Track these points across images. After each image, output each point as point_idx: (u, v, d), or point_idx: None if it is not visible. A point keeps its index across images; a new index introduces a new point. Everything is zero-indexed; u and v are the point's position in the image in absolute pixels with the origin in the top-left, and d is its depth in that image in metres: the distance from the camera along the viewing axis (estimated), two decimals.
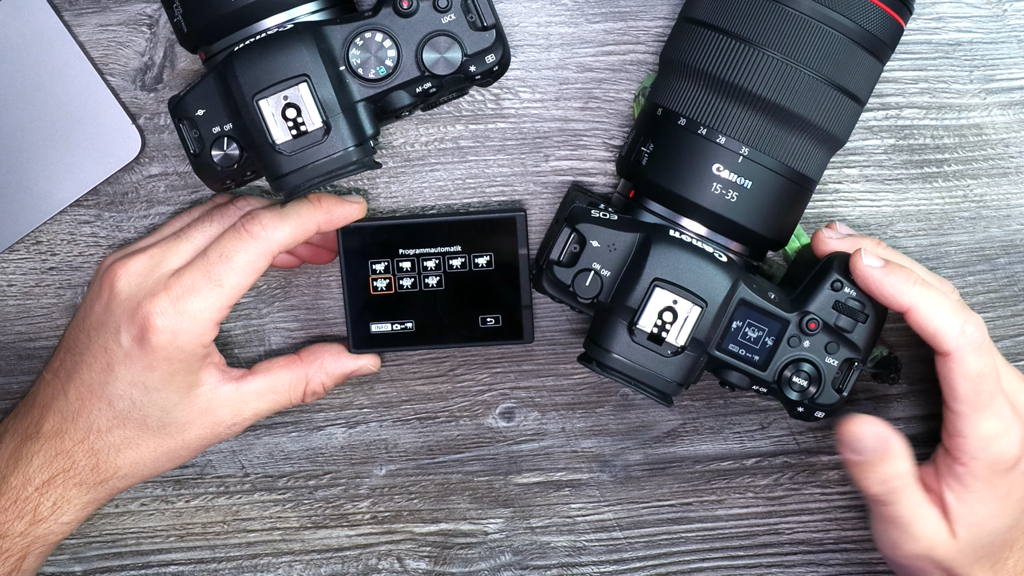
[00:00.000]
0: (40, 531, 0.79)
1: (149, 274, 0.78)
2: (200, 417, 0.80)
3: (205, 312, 0.77)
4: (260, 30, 0.75)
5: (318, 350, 0.84)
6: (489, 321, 0.85)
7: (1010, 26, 0.84)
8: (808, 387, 0.76)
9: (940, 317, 0.74)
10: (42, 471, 0.78)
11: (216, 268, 0.77)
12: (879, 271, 0.75)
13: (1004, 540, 0.78)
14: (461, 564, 0.89)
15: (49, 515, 0.79)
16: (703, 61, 0.75)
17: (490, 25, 0.76)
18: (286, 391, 0.83)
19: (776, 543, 0.89)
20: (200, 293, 0.76)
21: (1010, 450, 0.76)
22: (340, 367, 0.84)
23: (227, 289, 0.77)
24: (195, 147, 0.76)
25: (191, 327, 0.77)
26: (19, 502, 0.78)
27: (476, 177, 0.85)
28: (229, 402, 0.80)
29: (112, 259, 0.80)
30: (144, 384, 0.77)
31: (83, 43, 0.84)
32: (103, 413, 0.78)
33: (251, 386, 0.81)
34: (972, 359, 0.74)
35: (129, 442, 0.79)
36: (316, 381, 0.83)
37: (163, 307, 0.76)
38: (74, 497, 0.79)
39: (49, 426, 0.78)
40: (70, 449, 0.78)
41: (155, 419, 0.78)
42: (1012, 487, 0.77)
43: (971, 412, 0.75)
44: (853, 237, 0.78)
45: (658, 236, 0.75)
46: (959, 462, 0.76)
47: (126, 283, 0.78)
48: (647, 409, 0.88)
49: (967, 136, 0.85)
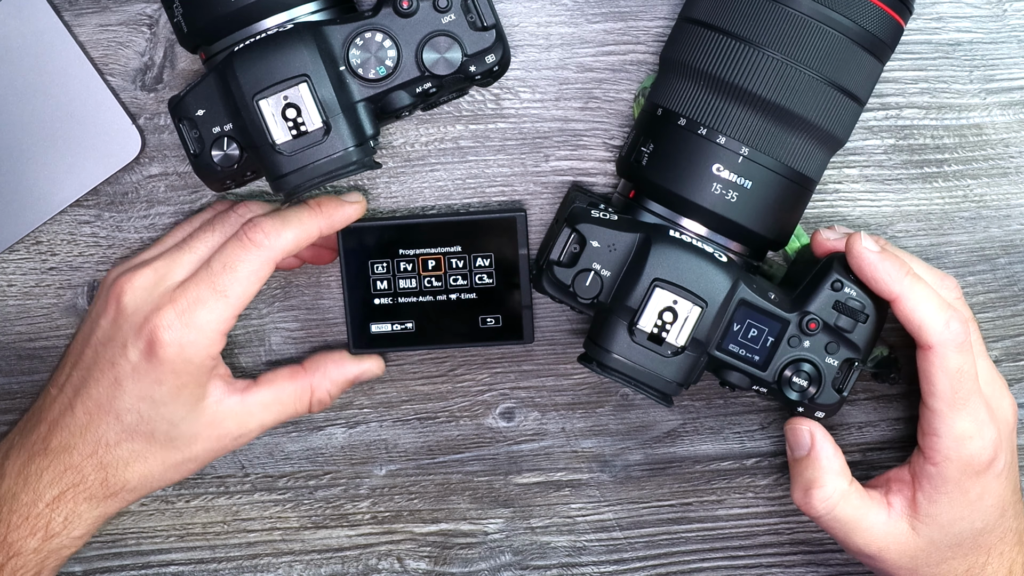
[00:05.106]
0: (53, 546, 0.79)
1: (154, 288, 0.78)
2: (206, 430, 0.80)
3: (212, 324, 0.77)
4: (260, 30, 0.75)
5: (321, 359, 0.84)
6: (489, 321, 0.85)
7: (1010, 26, 0.84)
8: (808, 387, 0.76)
9: (926, 310, 0.75)
10: (52, 487, 0.78)
11: (220, 279, 0.77)
12: (874, 255, 0.75)
13: (975, 543, 0.78)
14: (461, 564, 0.89)
15: (61, 530, 0.79)
16: (703, 61, 0.75)
17: (490, 25, 0.76)
18: (292, 402, 0.83)
19: (776, 543, 0.89)
20: (206, 305, 0.76)
21: (983, 453, 0.76)
22: (344, 374, 0.84)
23: (232, 300, 0.77)
24: (195, 147, 0.76)
25: (198, 339, 0.77)
26: (31, 519, 0.78)
27: (476, 177, 0.85)
28: (234, 414, 0.80)
29: (116, 273, 0.80)
30: (152, 398, 0.77)
31: (83, 43, 0.84)
32: (111, 427, 0.78)
33: (256, 398, 0.81)
34: (953, 355, 0.75)
35: (137, 455, 0.79)
36: (322, 390, 0.83)
37: (170, 320, 0.76)
38: (84, 511, 0.79)
39: (57, 441, 0.78)
40: (79, 464, 0.78)
41: (162, 432, 0.78)
42: (984, 491, 0.77)
43: (947, 409, 0.76)
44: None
45: (658, 236, 0.75)
46: (931, 461, 0.77)
47: (131, 298, 0.78)
48: (647, 409, 0.88)
49: (967, 136, 0.85)
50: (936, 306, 0.75)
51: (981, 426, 0.76)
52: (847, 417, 0.87)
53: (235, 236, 0.78)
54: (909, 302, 0.75)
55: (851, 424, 0.87)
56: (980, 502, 0.77)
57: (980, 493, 0.77)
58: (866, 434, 0.87)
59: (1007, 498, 0.78)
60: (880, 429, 0.87)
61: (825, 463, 0.78)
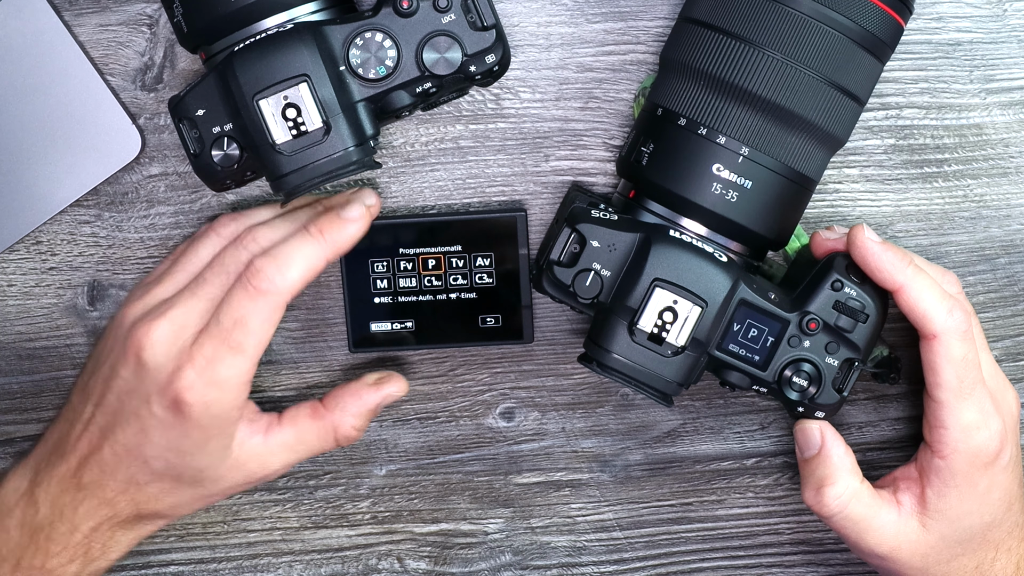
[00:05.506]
0: (92, 569, 0.80)
1: (173, 342, 0.76)
2: (231, 472, 0.79)
3: (233, 379, 0.76)
4: (260, 30, 0.75)
5: (340, 394, 0.82)
6: (489, 321, 0.85)
7: (1010, 26, 0.84)
8: (808, 387, 0.76)
9: (929, 299, 0.75)
10: (88, 519, 0.78)
11: (233, 336, 0.75)
12: (878, 246, 0.75)
13: (984, 539, 0.78)
14: (461, 564, 0.89)
15: (100, 555, 0.79)
16: (703, 61, 0.75)
17: (490, 25, 0.76)
18: (315, 441, 0.82)
19: (776, 543, 0.89)
20: (224, 362, 0.75)
21: (989, 444, 0.76)
22: (364, 406, 0.82)
23: (250, 352, 0.75)
24: (195, 147, 0.76)
25: (222, 396, 0.76)
26: (70, 548, 0.78)
27: (476, 177, 0.85)
28: (257, 456, 0.80)
29: (132, 317, 0.78)
30: (179, 448, 0.77)
31: (83, 43, 0.84)
32: (140, 470, 0.78)
33: (278, 439, 0.80)
34: (957, 343, 0.75)
35: (167, 492, 0.79)
36: (345, 426, 0.82)
37: (191, 381, 0.75)
38: (121, 537, 0.80)
39: (89, 478, 0.78)
40: (112, 499, 0.78)
41: (189, 476, 0.78)
42: (992, 484, 0.77)
43: (953, 400, 0.76)
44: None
45: (658, 236, 0.75)
46: (939, 455, 0.77)
47: (151, 354, 0.76)
48: (647, 409, 0.88)
49: (967, 136, 0.85)
50: (939, 295, 0.75)
51: (987, 416, 0.76)
52: (847, 417, 0.87)
53: (240, 285, 0.75)
54: (912, 292, 0.75)
55: (851, 424, 0.87)
56: (988, 495, 0.77)
57: (988, 486, 0.77)
58: (866, 434, 0.87)
59: (1013, 492, 0.78)
60: (880, 429, 0.87)
61: (837, 461, 0.78)
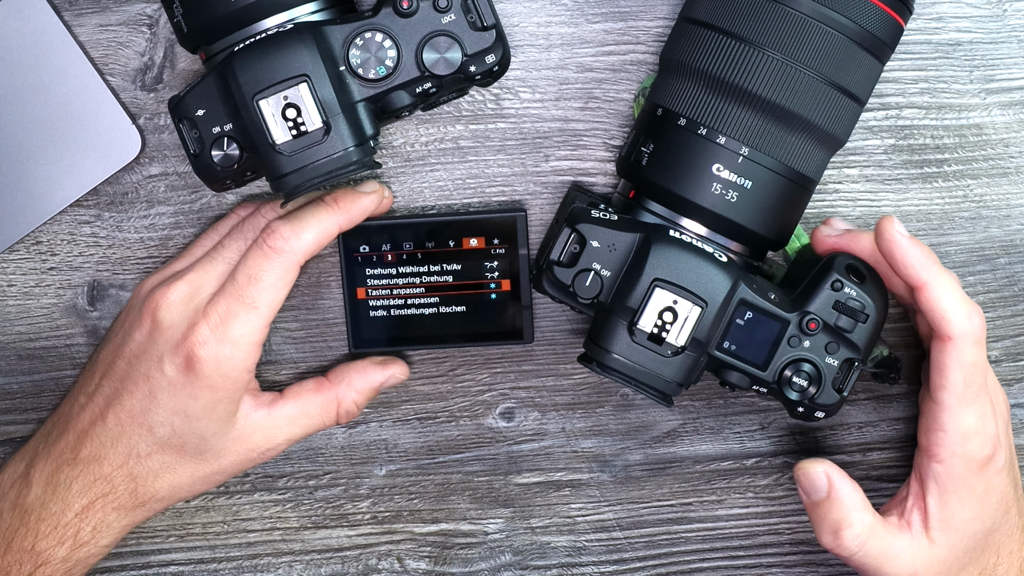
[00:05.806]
0: (81, 555, 0.79)
1: (189, 302, 0.78)
2: (234, 444, 0.80)
3: (245, 336, 0.77)
4: (260, 30, 0.75)
5: (345, 369, 0.84)
6: (489, 321, 0.85)
7: (1010, 26, 0.84)
8: (808, 387, 0.76)
9: (950, 300, 0.75)
10: (81, 496, 0.78)
11: (248, 291, 0.77)
12: (907, 240, 0.75)
13: (986, 544, 0.78)
14: (461, 564, 0.89)
15: (89, 539, 0.79)
16: (703, 61, 0.75)
17: (490, 25, 0.76)
18: (318, 415, 0.83)
19: (776, 543, 0.89)
20: (238, 318, 0.76)
21: (983, 449, 0.76)
22: (369, 382, 0.84)
23: (263, 309, 0.77)
24: (195, 147, 0.76)
25: (235, 354, 0.77)
26: (60, 528, 0.78)
27: (476, 177, 0.85)
28: (261, 429, 0.80)
29: (150, 285, 0.80)
30: (186, 412, 0.78)
31: (83, 43, 0.84)
32: (143, 439, 0.78)
33: (282, 411, 0.81)
34: (970, 349, 0.75)
35: (167, 467, 0.79)
36: (348, 401, 0.83)
37: (205, 336, 0.76)
38: (113, 521, 0.79)
39: (87, 451, 0.78)
40: (109, 474, 0.78)
41: (193, 446, 0.79)
42: (989, 487, 0.77)
43: (956, 404, 0.75)
44: (851, 232, 0.78)
45: (658, 236, 0.75)
46: (936, 459, 0.76)
47: (167, 313, 0.78)
48: (647, 409, 0.88)
49: (967, 136, 0.85)
50: (960, 298, 0.75)
51: (984, 422, 0.76)
52: (847, 417, 0.87)
53: (255, 244, 0.77)
54: (936, 291, 0.75)
55: (851, 424, 0.87)
56: (987, 498, 0.77)
57: (985, 489, 0.77)
58: (866, 434, 0.87)
59: (1009, 495, 0.78)
60: (880, 429, 0.87)
61: (848, 501, 0.77)
